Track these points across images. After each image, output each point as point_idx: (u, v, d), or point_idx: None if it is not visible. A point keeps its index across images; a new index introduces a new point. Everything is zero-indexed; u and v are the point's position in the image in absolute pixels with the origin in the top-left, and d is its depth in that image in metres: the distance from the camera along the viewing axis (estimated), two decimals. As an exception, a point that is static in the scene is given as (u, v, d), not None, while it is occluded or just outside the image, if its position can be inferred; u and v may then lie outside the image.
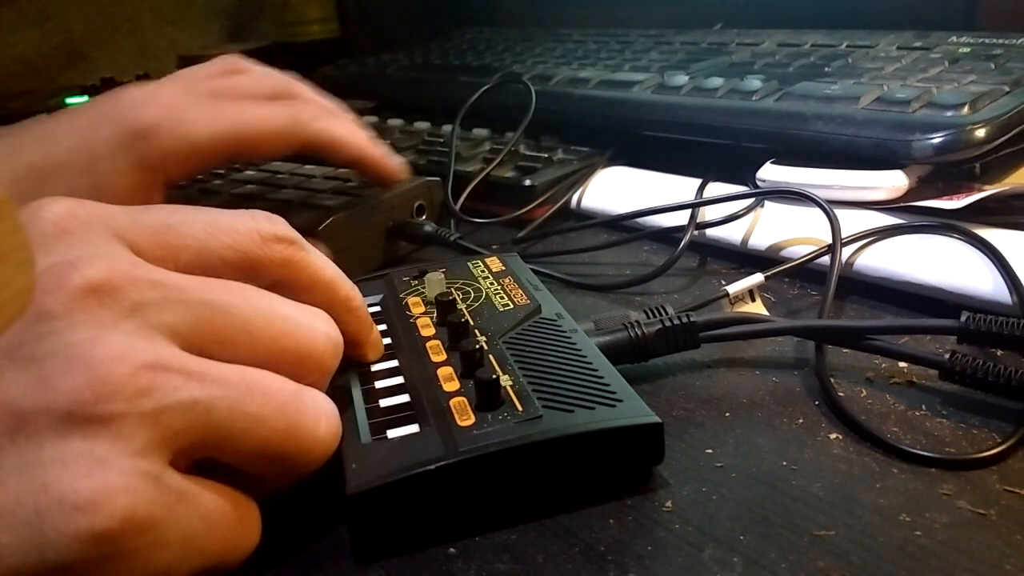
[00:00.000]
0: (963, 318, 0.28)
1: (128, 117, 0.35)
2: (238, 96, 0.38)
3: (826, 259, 0.35)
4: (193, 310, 0.21)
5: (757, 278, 0.34)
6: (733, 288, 0.34)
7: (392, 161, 0.42)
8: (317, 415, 0.22)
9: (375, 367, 0.28)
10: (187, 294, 0.21)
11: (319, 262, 0.26)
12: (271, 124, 0.37)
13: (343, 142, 0.39)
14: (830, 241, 0.35)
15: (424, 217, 0.46)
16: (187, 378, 0.20)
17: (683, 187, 0.44)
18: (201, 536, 0.20)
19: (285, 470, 0.22)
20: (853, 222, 0.37)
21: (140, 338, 0.20)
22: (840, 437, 0.26)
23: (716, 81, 0.48)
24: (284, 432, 0.21)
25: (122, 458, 0.18)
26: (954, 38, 0.49)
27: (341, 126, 0.39)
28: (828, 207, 0.36)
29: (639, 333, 0.30)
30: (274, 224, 0.25)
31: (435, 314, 0.31)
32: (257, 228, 0.24)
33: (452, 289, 0.33)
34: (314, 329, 0.24)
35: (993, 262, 0.32)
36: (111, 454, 0.18)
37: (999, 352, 0.29)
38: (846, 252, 0.36)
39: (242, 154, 0.38)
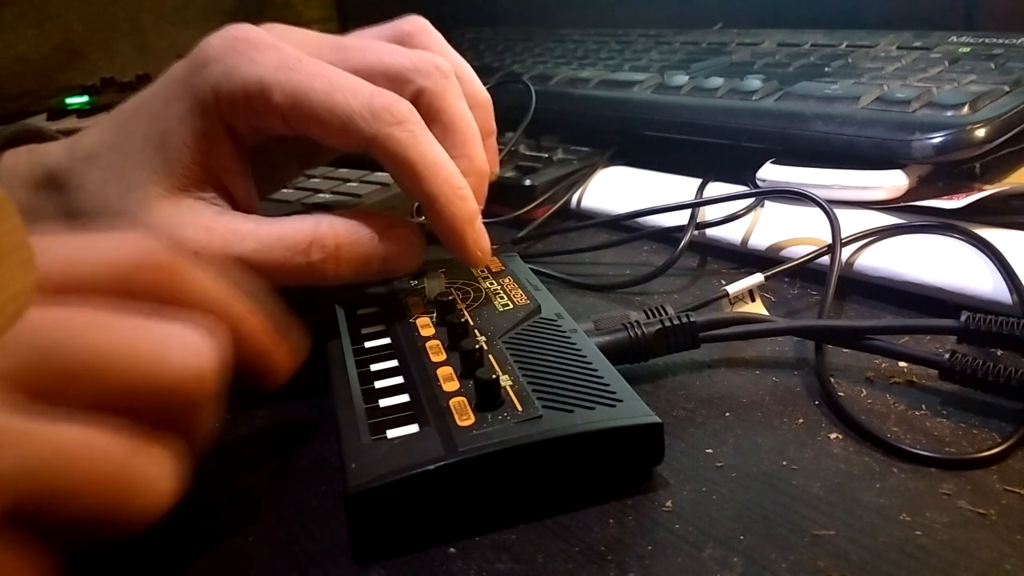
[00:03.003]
0: (963, 318, 0.28)
1: (198, 51, 0.30)
2: (351, 62, 0.31)
3: (826, 259, 0.35)
4: (30, 347, 0.19)
5: (757, 278, 0.34)
6: (733, 288, 0.34)
7: (471, 231, 0.30)
8: (154, 477, 0.20)
9: (375, 367, 0.28)
10: (23, 328, 0.19)
11: (200, 284, 0.23)
12: (336, 103, 0.29)
13: (415, 172, 0.29)
14: (830, 241, 0.35)
15: (424, 217, 0.46)
16: (12, 442, 0.18)
17: (683, 187, 0.44)
18: None
19: (107, 532, 0.20)
20: (853, 222, 0.37)
21: None
22: (840, 437, 0.26)
23: (716, 81, 0.48)
24: (114, 496, 0.19)
25: None
26: (954, 38, 0.49)
27: (425, 152, 0.29)
28: (828, 207, 0.36)
29: (639, 333, 0.30)
30: (148, 247, 0.23)
31: (435, 314, 0.31)
32: (131, 249, 0.22)
33: (452, 289, 0.33)
34: (170, 362, 0.21)
35: (993, 262, 0.32)
36: None
37: (999, 352, 0.29)
38: (846, 252, 0.36)
39: (298, 125, 0.29)
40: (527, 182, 0.47)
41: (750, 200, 0.41)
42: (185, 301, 0.23)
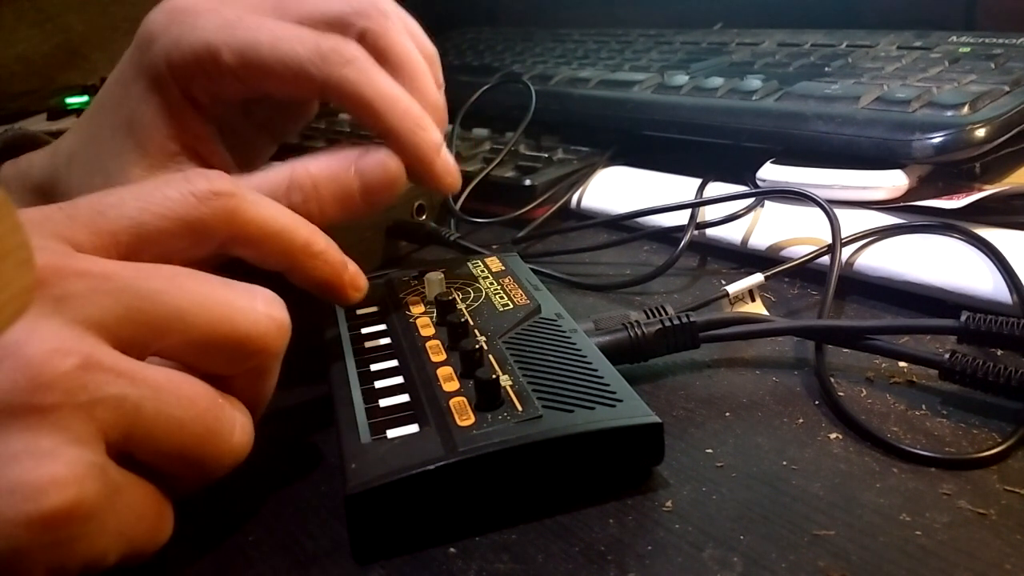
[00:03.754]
0: (963, 318, 0.28)
1: (142, 29, 0.30)
2: (291, 14, 0.31)
3: (826, 259, 0.35)
4: (120, 300, 0.21)
5: (757, 278, 0.34)
6: (733, 288, 0.34)
7: (439, 159, 0.30)
8: (232, 425, 0.23)
9: (374, 367, 0.28)
10: (114, 283, 0.21)
11: (266, 211, 0.25)
12: (284, 53, 0.29)
13: (373, 109, 0.29)
14: (830, 241, 0.35)
15: (424, 217, 0.46)
16: (117, 376, 0.20)
17: (683, 187, 0.44)
18: (131, 526, 0.21)
19: (197, 473, 0.22)
20: (853, 222, 0.37)
21: (69, 335, 0.20)
22: (840, 437, 0.26)
23: (716, 81, 0.48)
24: (201, 437, 0.22)
25: (66, 448, 0.19)
26: (954, 38, 0.49)
27: (379, 87, 0.29)
28: (828, 207, 0.36)
29: (639, 333, 0.30)
30: (210, 180, 0.24)
31: (435, 314, 0.31)
32: (191, 189, 0.24)
33: (452, 289, 0.33)
34: (254, 311, 0.23)
35: (993, 262, 0.32)
36: (54, 445, 0.19)
37: (999, 352, 0.29)
38: (846, 252, 0.36)
39: (252, 82, 0.30)
40: (527, 182, 0.47)
41: (750, 200, 0.41)
42: (251, 233, 0.25)
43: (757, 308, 0.34)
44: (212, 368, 0.23)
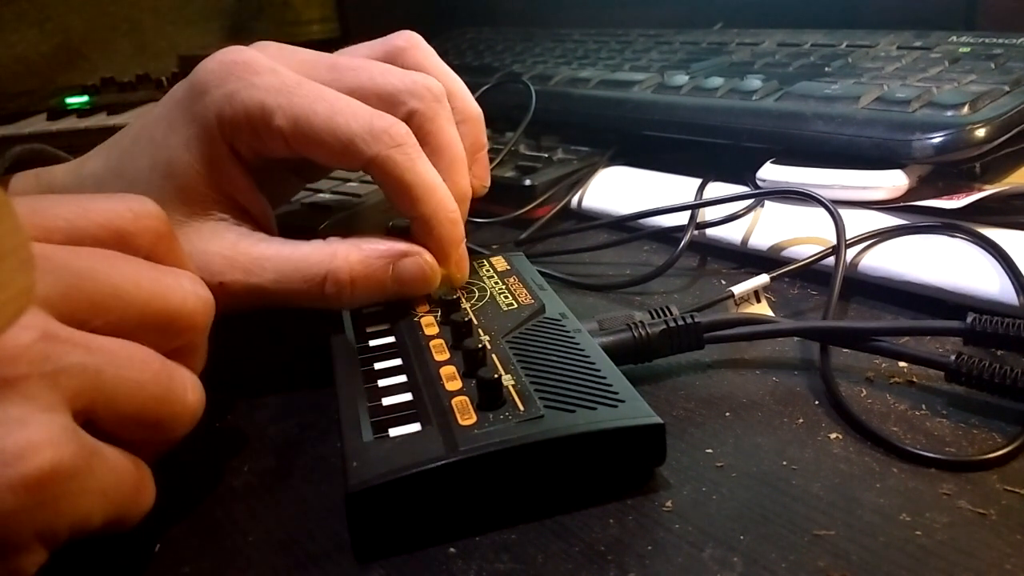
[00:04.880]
0: (969, 320, 0.27)
1: (196, 76, 0.31)
2: (345, 82, 0.32)
3: (829, 260, 0.35)
4: (61, 278, 0.21)
5: (763, 279, 0.34)
6: (738, 289, 0.34)
7: (455, 253, 0.32)
8: (185, 384, 0.23)
9: (378, 365, 0.28)
10: (53, 262, 0.22)
11: (184, 250, 0.27)
12: (337, 126, 0.29)
13: (412, 194, 0.30)
14: (831, 240, 0.35)
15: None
16: (74, 346, 0.21)
17: (683, 187, 0.44)
18: (113, 489, 0.21)
19: (158, 436, 0.23)
20: (853, 222, 0.37)
21: None
22: (840, 437, 0.26)
23: (716, 81, 0.48)
24: (160, 398, 0.22)
25: (38, 414, 0.19)
26: (954, 38, 0.49)
27: (421, 174, 0.30)
28: (833, 208, 0.36)
29: (643, 334, 0.30)
30: (144, 203, 0.25)
31: (439, 313, 0.31)
32: (129, 206, 0.25)
33: (457, 288, 0.33)
34: (182, 289, 0.24)
35: (999, 262, 0.32)
36: (25, 413, 0.19)
37: (998, 352, 0.29)
38: (850, 253, 0.36)
39: (299, 147, 0.30)
40: (527, 182, 0.47)
41: (750, 200, 0.41)
42: (171, 260, 0.26)
43: (762, 309, 0.34)
44: (147, 345, 0.23)
